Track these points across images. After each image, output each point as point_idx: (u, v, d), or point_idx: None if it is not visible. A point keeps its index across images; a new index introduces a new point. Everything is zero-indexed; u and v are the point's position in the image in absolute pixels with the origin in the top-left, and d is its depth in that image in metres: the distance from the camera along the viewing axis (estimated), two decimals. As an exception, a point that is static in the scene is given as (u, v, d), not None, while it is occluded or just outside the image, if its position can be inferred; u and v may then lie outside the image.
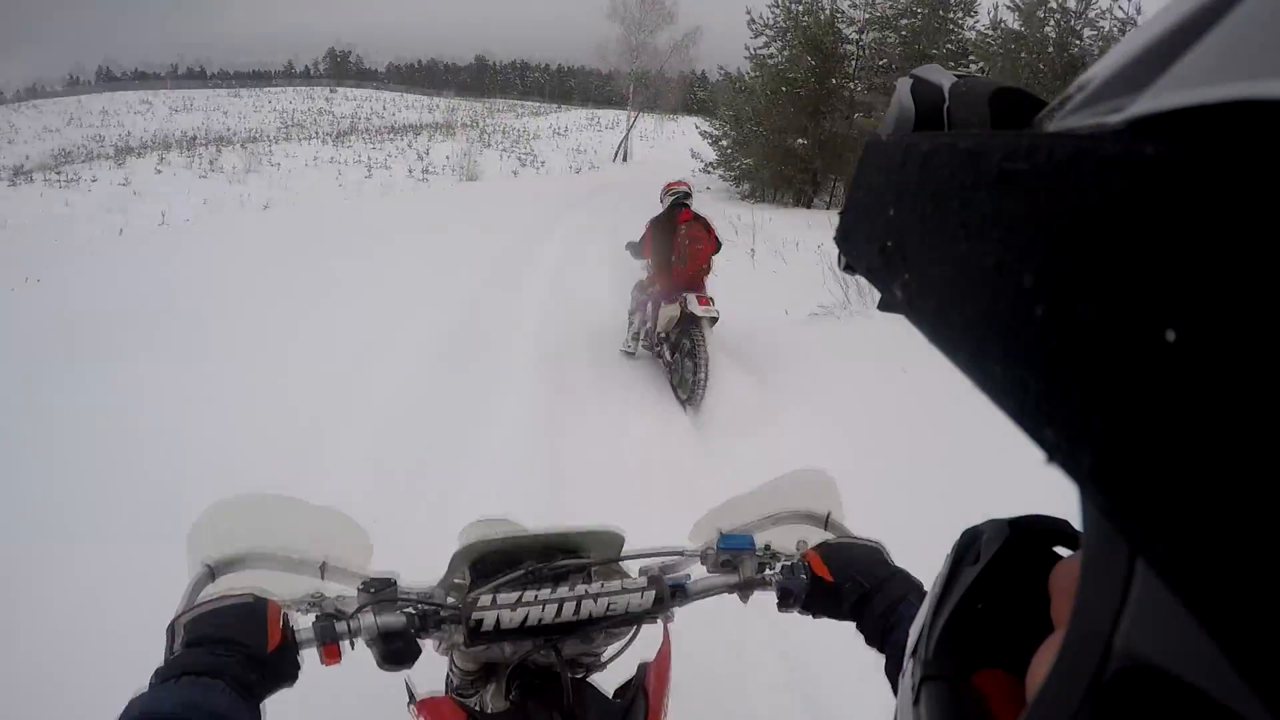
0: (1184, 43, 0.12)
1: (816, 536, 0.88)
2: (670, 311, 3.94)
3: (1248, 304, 0.09)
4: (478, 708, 0.82)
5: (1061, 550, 0.26)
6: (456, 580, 0.78)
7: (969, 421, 2.32)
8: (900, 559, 0.81)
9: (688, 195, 4.29)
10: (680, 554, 0.85)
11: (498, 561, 0.78)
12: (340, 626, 0.68)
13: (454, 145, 20.24)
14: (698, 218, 4.12)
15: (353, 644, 0.69)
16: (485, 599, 0.70)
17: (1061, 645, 0.16)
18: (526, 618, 0.70)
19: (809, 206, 13.82)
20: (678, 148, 26.52)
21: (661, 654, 0.80)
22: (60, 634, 1.82)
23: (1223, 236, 0.09)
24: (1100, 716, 0.14)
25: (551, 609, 0.70)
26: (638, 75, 26.69)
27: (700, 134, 18.10)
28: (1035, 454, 0.13)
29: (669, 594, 0.77)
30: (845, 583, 0.76)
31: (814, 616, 0.80)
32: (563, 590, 0.72)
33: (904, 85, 0.26)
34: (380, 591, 0.71)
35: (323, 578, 0.77)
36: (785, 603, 0.80)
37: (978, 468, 2.22)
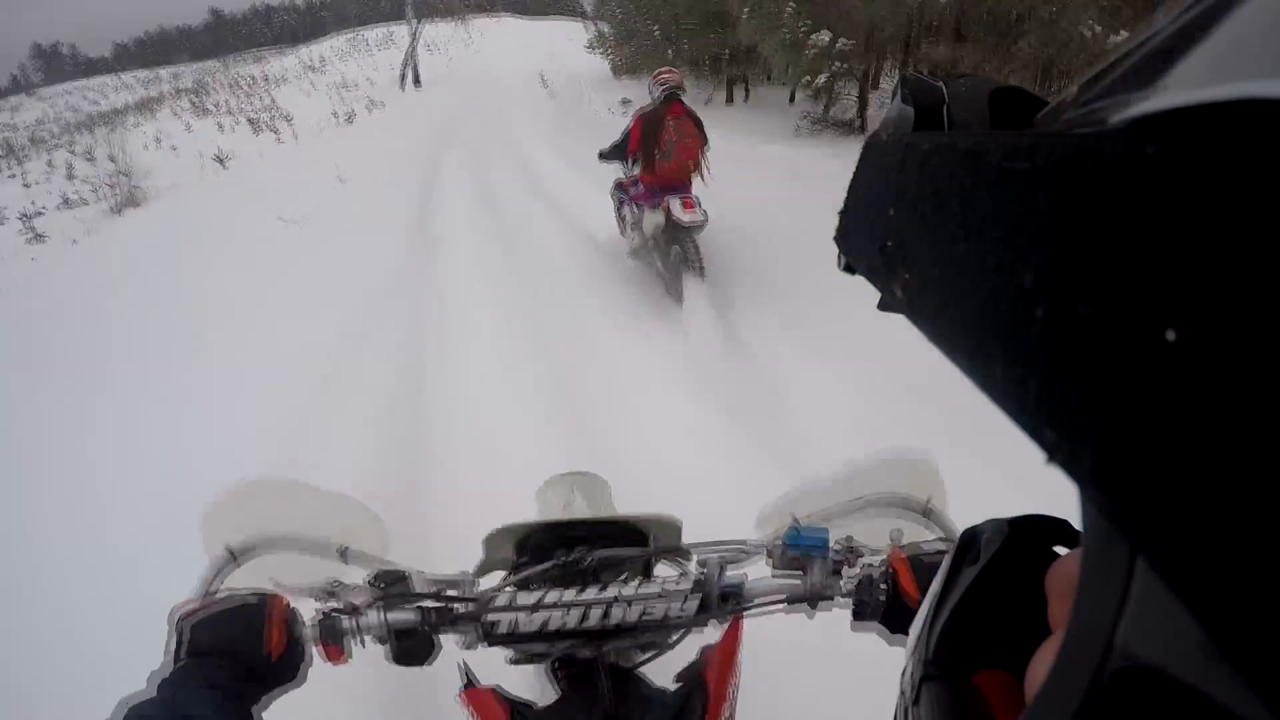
0: (1185, 43, 0.12)
1: (913, 527, 0.76)
2: (654, 219, 3.64)
3: (1248, 304, 0.09)
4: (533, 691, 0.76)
5: (1061, 550, 0.26)
6: (498, 559, 0.73)
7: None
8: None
9: (679, 87, 3.94)
10: (743, 545, 0.73)
11: (546, 545, 0.71)
12: (346, 624, 0.64)
13: (150, 128, 12.62)
14: (689, 113, 3.84)
15: (363, 642, 0.66)
16: (503, 599, 0.65)
17: (1061, 645, 0.16)
18: (546, 622, 0.64)
19: (730, 100, 9.48)
20: (494, 50, 19.92)
21: (728, 637, 0.71)
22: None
23: (1223, 236, 0.09)
24: (1100, 717, 0.14)
25: (576, 614, 0.64)
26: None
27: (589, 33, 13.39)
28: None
29: (717, 600, 0.67)
30: None
31: (891, 633, 0.67)
32: (591, 592, 0.65)
33: (904, 85, 0.26)
34: (390, 586, 0.66)
35: (345, 563, 0.73)
36: (861, 616, 0.68)
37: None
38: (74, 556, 2.19)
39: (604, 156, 4.26)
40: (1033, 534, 0.26)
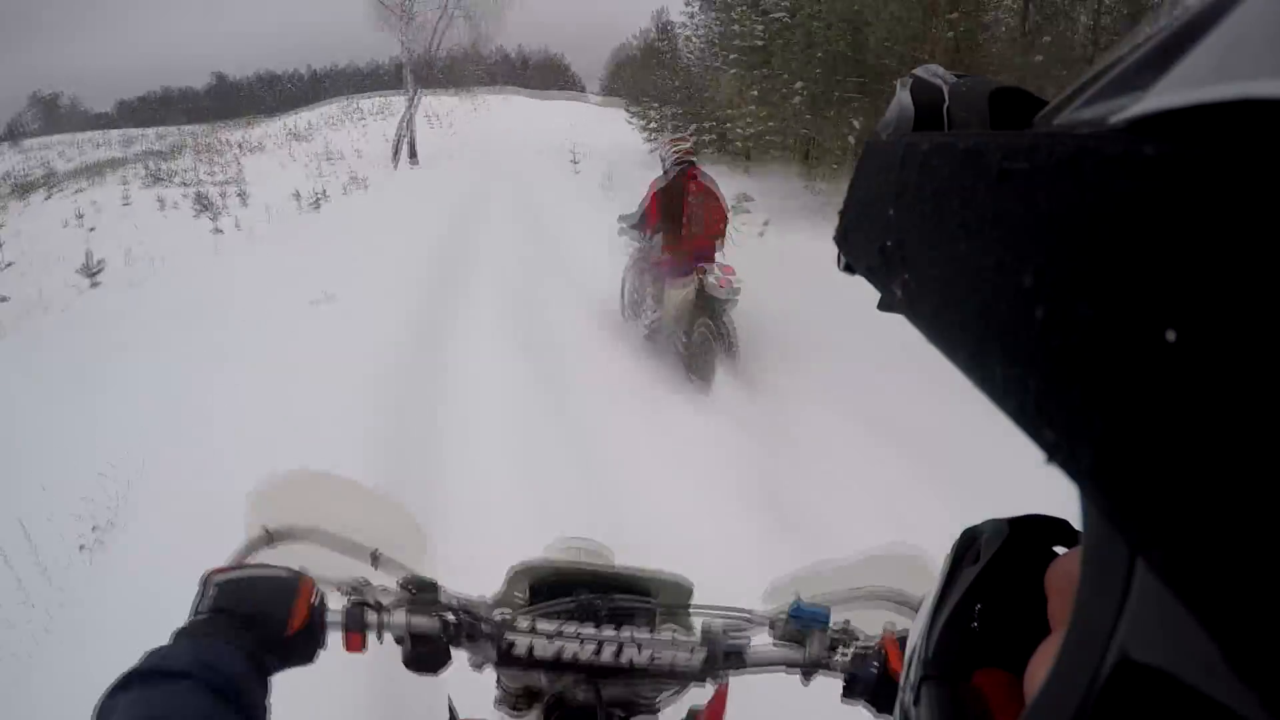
0: (1185, 42, 0.12)
1: (905, 621, 0.81)
2: (683, 293, 3.45)
3: (1248, 304, 0.09)
4: None
5: (1061, 550, 0.26)
6: (516, 595, 0.77)
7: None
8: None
9: (693, 153, 3.84)
10: (749, 615, 0.78)
11: (561, 589, 0.76)
12: (370, 618, 0.68)
13: (89, 196, 10.91)
14: (708, 181, 3.73)
15: (380, 638, 0.69)
16: (524, 622, 0.69)
17: (1061, 646, 0.16)
18: (561, 651, 0.68)
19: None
20: (503, 126, 17.48)
21: (716, 702, 0.76)
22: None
23: (1223, 236, 0.09)
24: (1100, 718, 0.14)
25: (590, 648, 0.68)
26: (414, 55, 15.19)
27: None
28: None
29: (722, 658, 0.72)
30: None
31: (877, 712, 0.71)
32: (607, 630, 0.70)
33: (904, 85, 0.26)
34: (420, 592, 0.71)
35: (375, 567, 0.77)
36: (851, 691, 0.72)
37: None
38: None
39: (627, 228, 4.07)
40: (1033, 534, 0.26)
